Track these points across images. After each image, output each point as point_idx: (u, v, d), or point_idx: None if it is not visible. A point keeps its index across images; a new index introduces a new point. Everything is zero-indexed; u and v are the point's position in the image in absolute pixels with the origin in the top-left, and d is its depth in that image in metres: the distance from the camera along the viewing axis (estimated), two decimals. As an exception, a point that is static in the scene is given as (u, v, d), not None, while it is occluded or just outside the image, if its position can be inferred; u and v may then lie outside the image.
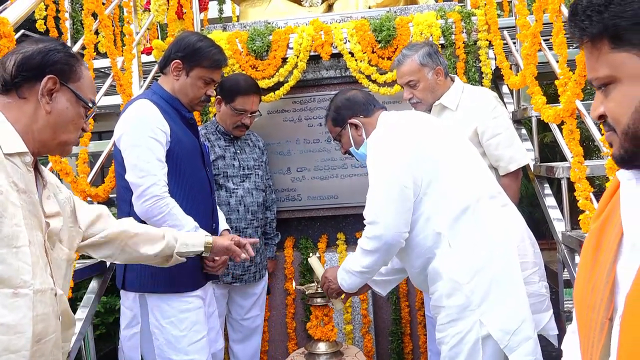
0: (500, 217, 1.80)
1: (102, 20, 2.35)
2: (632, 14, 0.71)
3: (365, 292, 2.88)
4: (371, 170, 1.85)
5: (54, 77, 1.28)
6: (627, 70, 0.74)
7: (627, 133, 0.75)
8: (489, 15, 2.84)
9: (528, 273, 1.79)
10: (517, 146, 2.30)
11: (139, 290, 1.98)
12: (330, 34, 2.96)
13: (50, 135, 1.31)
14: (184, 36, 2.12)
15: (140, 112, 1.94)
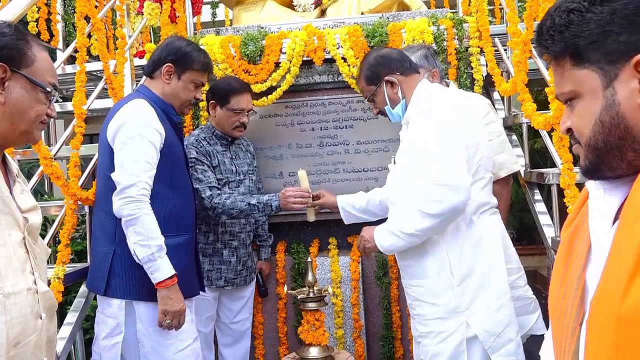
0: (490, 225, 1.85)
1: (95, 23, 2.34)
2: (589, 34, 0.75)
3: (357, 295, 2.90)
4: (426, 131, 1.77)
5: (3, 64, 1.21)
6: (587, 86, 0.78)
7: (589, 145, 0.79)
8: (481, 22, 2.87)
9: (514, 278, 1.89)
10: (509, 153, 2.32)
11: (124, 297, 1.93)
12: (323, 39, 2.97)
13: (9, 127, 1.24)
14: (172, 41, 2.13)
15: (138, 112, 1.94)
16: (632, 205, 0.72)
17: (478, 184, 1.82)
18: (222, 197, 2.44)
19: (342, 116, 3.10)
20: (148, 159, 1.90)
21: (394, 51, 2.02)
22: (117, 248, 1.93)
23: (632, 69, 0.73)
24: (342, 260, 2.96)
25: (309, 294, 2.43)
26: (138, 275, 1.91)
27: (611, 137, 0.76)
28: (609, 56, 0.75)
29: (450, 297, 1.77)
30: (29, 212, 1.30)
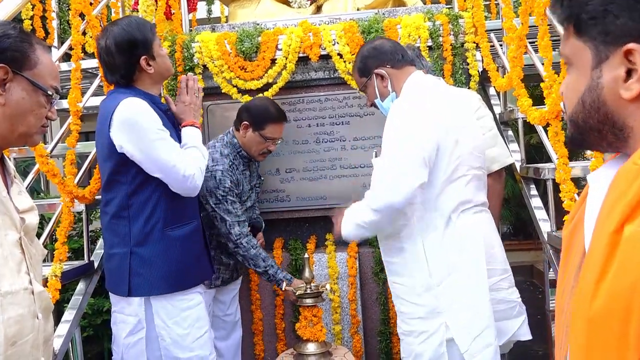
0: (472, 224, 1.81)
1: (90, 21, 2.33)
2: (591, 9, 0.74)
3: (354, 292, 2.91)
4: (392, 126, 1.81)
5: (5, 66, 1.21)
6: (580, 60, 0.77)
7: (571, 120, 0.80)
8: (476, 17, 2.87)
9: (496, 279, 1.83)
10: (501, 146, 2.33)
11: (148, 294, 1.98)
12: (319, 36, 2.97)
13: (8, 128, 1.24)
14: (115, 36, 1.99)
15: (138, 109, 1.92)
16: (604, 205, 0.71)
17: (460, 181, 1.78)
18: (250, 242, 2.45)
19: (339, 112, 3.10)
20: (175, 143, 1.99)
21: (387, 43, 1.99)
22: (134, 248, 1.97)
23: (621, 55, 0.72)
24: (339, 257, 2.97)
25: (306, 290, 2.43)
26: (157, 272, 1.97)
27: (591, 119, 0.77)
28: (604, 36, 0.74)
29: (430, 298, 1.77)
30: (26, 212, 1.31)
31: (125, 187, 1.97)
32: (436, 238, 1.78)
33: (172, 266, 1.99)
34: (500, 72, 2.96)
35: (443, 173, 1.78)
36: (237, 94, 3.01)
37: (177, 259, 2.01)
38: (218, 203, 2.41)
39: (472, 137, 1.87)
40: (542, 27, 2.02)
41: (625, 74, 0.72)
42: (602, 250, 0.67)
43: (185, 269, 2.03)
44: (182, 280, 2.03)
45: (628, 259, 0.65)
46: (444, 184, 1.78)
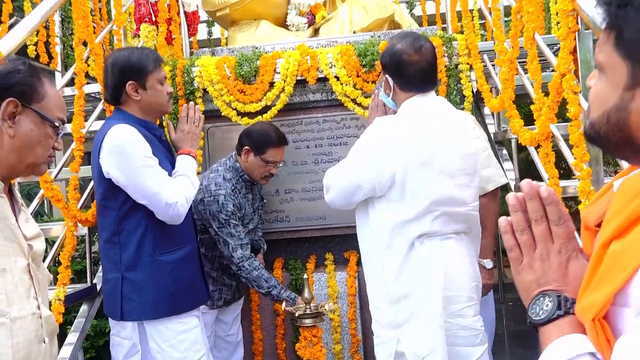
0: (435, 252, 1.86)
1: (93, 48, 2.41)
2: (636, 28, 0.71)
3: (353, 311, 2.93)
4: (356, 143, 1.99)
5: (14, 99, 1.26)
6: (614, 73, 0.75)
7: (592, 124, 0.80)
8: (469, 40, 2.94)
9: (462, 306, 1.87)
10: (495, 167, 2.38)
11: (139, 319, 2.01)
12: (316, 59, 3.03)
13: (17, 159, 1.29)
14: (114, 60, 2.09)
15: (126, 137, 1.96)
16: (606, 216, 0.76)
17: (429, 216, 1.84)
18: (252, 264, 2.48)
19: (336, 133, 3.16)
20: (161, 170, 2.01)
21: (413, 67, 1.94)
22: (125, 273, 2.00)
23: None
24: (338, 276, 3.00)
25: (305, 310, 2.47)
26: (147, 297, 1.99)
27: (612, 135, 0.77)
28: None
29: (387, 311, 1.88)
30: (33, 239, 1.36)
31: (114, 213, 2.00)
32: (397, 261, 1.85)
33: (163, 291, 2.01)
34: (493, 92, 3.02)
35: (412, 208, 1.84)
36: (236, 116, 3.07)
37: (169, 284, 2.02)
38: (221, 227, 2.45)
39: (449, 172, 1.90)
40: (531, 51, 2.08)
41: None
42: (593, 261, 0.73)
43: (177, 294, 2.04)
44: (174, 306, 2.03)
45: (602, 277, 0.70)
46: (413, 216, 1.84)
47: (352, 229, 2.11)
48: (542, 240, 0.82)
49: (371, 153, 1.89)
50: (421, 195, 1.85)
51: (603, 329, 0.69)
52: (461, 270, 1.90)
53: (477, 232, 2.11)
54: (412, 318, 1.84)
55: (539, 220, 0.82)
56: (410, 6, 6.05)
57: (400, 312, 1.85)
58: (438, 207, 1.86)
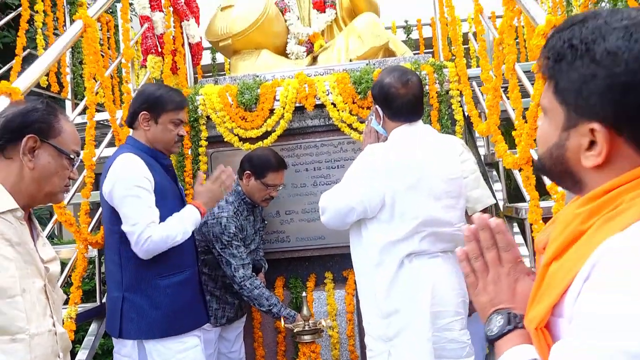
0: (423, 270, 1.99)
1: (103, 82, 2.57)
2: (571, 80, 0.81)
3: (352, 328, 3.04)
4: (350, 169, 2.13)
5: (34, 135, 1.39)
6: (554, 116, 0.85)
7: (539, 159, 0.93)
8: (459, 67, 3.09)
9: (449, 320, 2.00)
10: (483, 188, 2.50)
11: (136, 337, 2.09)
12: (313, 87, 3.19)
13: (36, 189, 1.42)
14: (142, 89, 2.30)
15: (126, 164, 2.09)
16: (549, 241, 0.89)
17: (417, 236, 1.98)
18: (253, 283, 2.60)
19: (334, 157, 3.30)
20: (149, 204, 2.07)
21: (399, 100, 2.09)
22: (125, 293, 2.10)
23: (587, 129, 0.79)
24: (337, 294, 3.11)
25: (304, 327, 2.58)
26: (146, 317, 2.07)
27: (555, 168, 0.89)
28: (576, 107, 0.81)
29: (378, 325, 2.00)
30: (49, 262, 1.49)
31: (117, 235, 2.11)
32: (387, 278, 1.98)
33: (161, 313, 2.08)
34: (482, 117, 3.17)
35: (401, 229, 1.98)
36: (238, 142, 3.22)
37: (167, 306, 2.10)
38: (224, 247, 2.58)
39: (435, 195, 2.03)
40: (512, 81, 2.22)
41: (588, 143, 0.80)
42: (537, 279, 0.85)
43: (175, 316, 2.11)
44: (172, 327, 2.11)
45: (543, 293, 0.83)
46: (401, 236, 1.98)
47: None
48: (493, 265, 0.95)
49: (363, 178, 2.03)
50: (409, 216, 1.98)
51: (544, 336, 0.82)
52: (448, 287, 2.03)
53: None
54: (402, 332, 1.96)
55: (490, 248, 0.95)
56: (408, 31, 6.24)
57: (390, 326, 1.98)
58: (425, 227, 1.99)
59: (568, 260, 0.79)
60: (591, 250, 0.75)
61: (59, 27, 4.30)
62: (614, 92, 0.76)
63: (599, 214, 0.78)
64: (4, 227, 1.33)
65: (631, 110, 0.76)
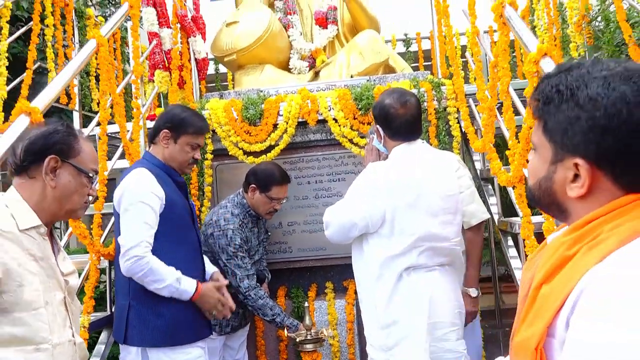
0: (421, 283, 2.09)
1: (115, 99, 2.68)
2: (558, 120, 0.91)
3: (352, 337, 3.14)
4: (352, 185, 2.23)
5: (55, 156, 1.49)
6: (544, 151, 0.95)
7: (529, 190, 1.03)
8: (456, 85, 3.21)
9: (445, 331, 2.11)
10: (478, 203, 2.62)
11: (140, 345, 2.18)
12: (316, 103, 3.30)
13: (57, 207, 1.51)
14: (170, 109, 2.42)
15: (136, 179, 2.20)
16: (538, 265, 0.98)
17: (415, 250, 2.09)
18: (257, 293, 2.71)
19: (335, 170, 3.41)
20: (147, 220, 2.16)
21: (400, 119, 2.20)
22: (132, 301, 2.20)
23: (572, 163, 0.90)
24: (338, 304, 3.21)
25: (307, 336, 2.68)
26: (150, 326, 2.17)
27: (543, 198, 0.99)
28: (562, 144, 0.91)
29: (378, 335, 2.10)
30: (68, 275, 1.58)
31: None
32: (387, 291, 2.09)
33: (164, 323, 2.16)
34: (478, 133, 3.28)
35: (400, 243, 2.08)
36: (242, 155, 3.33)
37: (171, 317, 2.18)
38: (229, 259, 2.68)
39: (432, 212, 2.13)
40: (506, 102, 2.33)
41: (573, 176, 0.91)
42: (528, 300, 0.94)
43: (178, 327, 2.19)
44: (174, 338, 2.19)
45: (535, 314, 0.93)
46: (401, 250, 2.08)
47: (351, 259, 2.33)
48: None
49: (365, 195, 2.14)
50: (408, 232, 2.09)
51: (541, 357, 0.91)
52: (444, 299, 2.14)
53: (460, 264, 2.34)
54: (401, 342, 2.06)
55: None
56: (407, 44, 6.36)
57: (390, 336, 2.08)
58: (423, 242, 2.10)
59: (558, 283, 0.88)
60: (578, 275, 0.84)
61: (68, 40, 4.42)
62: (595, 133, 0.87)
63: (582, 242, 0.88)
64: (29, 243, 1.42)
65: (609, 149, 0.87)
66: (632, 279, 0.77)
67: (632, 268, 0.79)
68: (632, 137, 0.85)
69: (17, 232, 1.41)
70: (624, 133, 0.85)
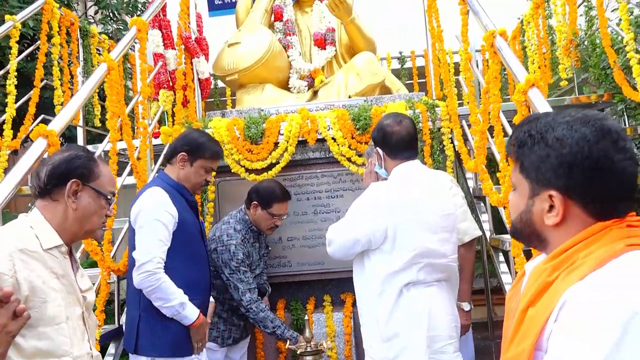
0: (420, 298, 2.21)
1: (124, 120, 2.80)
2: (531, 160, 1.05)
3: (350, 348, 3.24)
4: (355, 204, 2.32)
5: (77, 180, 1.59)
6: (522, 188, 1.09)
7: (512, 224, 1.16)
8: (450, 106, 3.35)
9: (443, 344, 2.23)
10: (470, 220, 2.75)
11: (149, 354, 2.31)
12: (315, 122, 3.43)
13: (78, 227, 1.61)
14: (188, 133, 2.56)
15: (152, 198, 2.33)
16: (524, 289, 1.11)
17: (415, 267, 2.20)
18: (259, 306, 2.81)
19: (333, 187, 3.54)
20: (161, 237, 2.29)
21: (395, 136, 2.36)
22: (142, 313, 2.33)
23: (547, 195, 1.03)
24: (336, 316, 3.32)
25: (306, 348, 2.79)
26: (159, 336, 2.29)
27: (524, 230, 1.13)
28: (537, 180, 1.04)
29: (380, 348, 2.20)
30: (86, 292, 1.69)
31: None
32: (388, 306, 2.19)
33: (171, 335, 2.30)
34: (471, 153, 3.42)
35: (400, 259, 2.20)
36: (244, 172, 3.45)
37: (178, 329, 2.32)
38: (232, 273, 2.79)
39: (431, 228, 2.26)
40: (496, 127, 2.48)
41: (548, 207, 1.04)
42: (515, 322, 1.07)
43: (183, 339, 2.33)
44: (181, 348, 2.32)
45: (523, 333, 1.05)
46: (401, 266, 2.19)
47: (348, 273, 2.44)
48: None
49: (368, 213, 2.25)
50: (408, 248, 2.21)
51: None
52: (442, 313, 2.26)
53: (456, 280, 2.46)
54: (401, 354, 2.17)
55: None
56: (402, 61, 6.53)
57: (391, 349, 2.19)
58: (422, 259, 2.22)
59: (542, 306, 1.01)
60: (558, 297, 0.97)
61: (73, 57, 4.54)
62: (563, 167, 1.01)
63: (560, 269, 1.02)
64: (52, 261, 1.53)
65: (576, 181, 1.01)
66: (608, 303, 0.90)
67: (607, 292, 0.92)
68: (594, 170, 1.00)
69: (42, 251, 1.51)
70: (587, 167, 1.00)
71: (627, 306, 0.88)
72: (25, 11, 3.93)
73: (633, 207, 1.04)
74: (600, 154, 0.99)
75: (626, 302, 0.89)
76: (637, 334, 0.86)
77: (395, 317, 2.20)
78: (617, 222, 1.01)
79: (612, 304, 0.89)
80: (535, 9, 4.42)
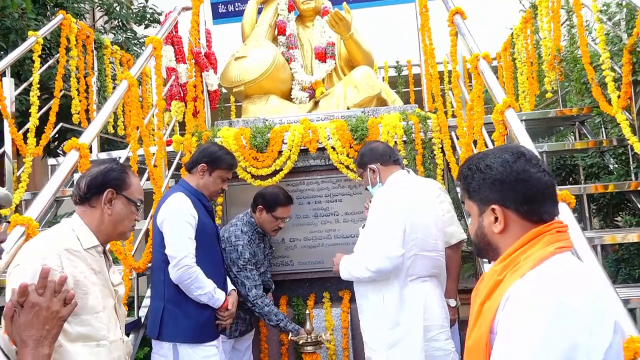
0: (419, 291, 2.49)
1: (142, 131, 3.08)
2: (473, 186, 1.37)
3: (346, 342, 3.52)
4: (377, 210, 2.52)
5: (112, 189, 1.85)
6: (473, 212, 1.39)
7: (473, 242, 1.45)
8: (440, 119, 3.63)
9: (436, 332, 2.51)
10: (457, 225, 3.03)
11: (173, 340, 2.59)
12: (316, 133, 3.71)
13: (112, 230, 1.88)
14: (208, 146, 2.86)
15: (178, 203, 2.64)
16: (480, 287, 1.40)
17: (412, 258, 2.48)
18: (264, 301, 3.08)
19: (333, 192, 3.81)
20: (190, 235, 2.62)
21: (381, 146, 2.73)
22: (166, 304, 2.63)
23: (490, 210, 1.33)
24: (334, 311, 3.58)
25: (307, 340, 3.07)
26: (181, 325, 2.59)
27: (481, 243, 1.42)
28: (481, 200, 1.35)
29: (381, 337, 2.46)
30: (117, 286, 1.96)
31: (162, 257, 2.64)
32: (394, 296, 2.47)
33: (193, 323, 2.61)
34: (459, 163, 3.70)
35: (407, 254, 2.47)
36: (250, 178, 3.72)
37: (198, 317, 2.63)
38: (239, 271, 3.07)
39: (426, 225, 2.56)
40: (479, 141, 2.76)
41: (494, 219, 1.32)
42: (475, 313, 1.36)
43: (203, 326, 2.64)
44: (201, 335, 2.63)
45: (481, 322, 1.33)
46: (407, 263, 2.47)
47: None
48: None
49: (393, 223, 2.47)
50: (413, 244, 2.50)
51: (489, 348, 1.32)
52: (436, 305, 2.56)
53: (444, 277, 2.75)
54: (400, 342, 2.45)
55: None
56: (398, 70, 6.81)
57: (392, 337, 2.46)
58: (422, 252, 2.52)
59: (493, 300, 1.30)
60: (504, 291, 1.25)
61: (88, 68, 4.82)
62: (496, 185, 1.32)
63: (507, 270, 1.30)
64: (91, 259, 1.80)
65: (507, 193, 1.32)
66: (541, 294, 1.17)
67: (540, 286, 1.20)
68: (517, 181, 1.31)
69: (83, 250, 1.78)
70: (512, 179, 1.32)
71: (556, 297, 1.16)
72: (47, 27, 4.21)
73: (556, 213, 1.34)
74: (520, 169, 1.32)
75: (555, 293, 1.17)
76: (563, 318, 1.13)
77: (399, 307, 2.46)
78: (548, 227, 1.31)
79: (545, 295, 1.18)
80: (524, 24, 4.71)
